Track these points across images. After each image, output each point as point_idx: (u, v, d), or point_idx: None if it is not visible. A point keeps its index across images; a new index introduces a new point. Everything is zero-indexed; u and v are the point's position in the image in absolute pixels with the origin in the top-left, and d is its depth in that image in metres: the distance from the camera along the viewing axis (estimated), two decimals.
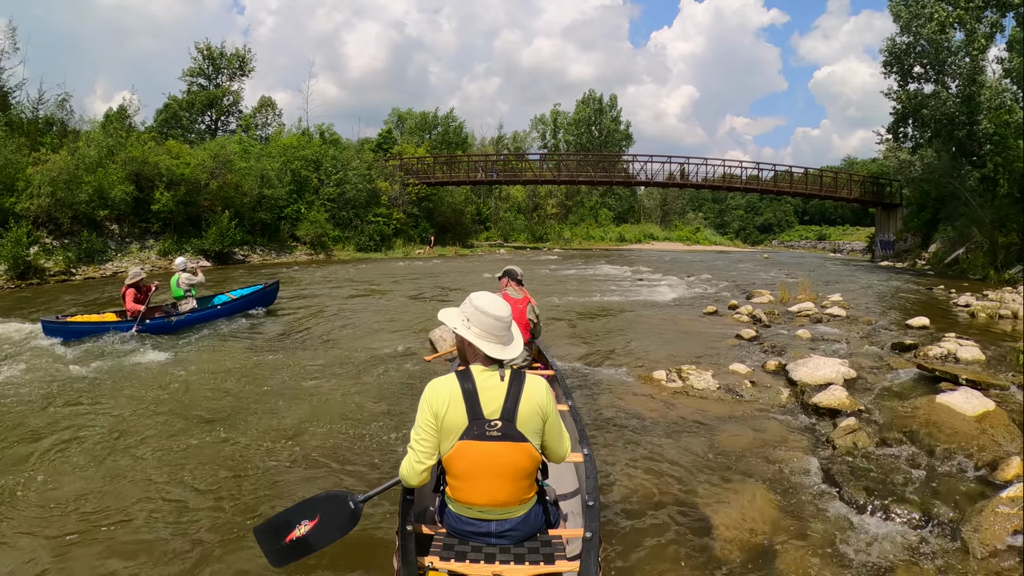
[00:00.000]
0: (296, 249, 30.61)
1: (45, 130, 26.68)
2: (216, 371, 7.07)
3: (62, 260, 19.96)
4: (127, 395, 6.12)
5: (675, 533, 3.50)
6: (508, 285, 5.41)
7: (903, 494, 3.78)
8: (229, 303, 10.73)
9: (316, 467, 4.35)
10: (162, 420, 5.33)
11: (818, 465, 4.32)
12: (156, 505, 3.77)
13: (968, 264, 21.48)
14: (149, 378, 6.79)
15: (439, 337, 8.22)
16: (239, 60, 42.42)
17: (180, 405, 5.76)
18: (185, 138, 35.46)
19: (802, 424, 5.24)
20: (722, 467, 4.36)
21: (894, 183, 35.24)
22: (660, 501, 3.85)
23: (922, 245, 28.98)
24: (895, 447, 4.53)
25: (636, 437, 4.96)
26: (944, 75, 26.45)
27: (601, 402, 5.87)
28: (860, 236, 61.44)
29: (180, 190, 25.27)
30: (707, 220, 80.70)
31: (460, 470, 2.37)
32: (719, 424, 5.24)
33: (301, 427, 5.13)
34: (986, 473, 4.00)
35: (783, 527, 3.55)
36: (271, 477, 4.16)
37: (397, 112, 58.37)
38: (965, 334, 8.54)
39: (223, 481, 4.08)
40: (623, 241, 56.49)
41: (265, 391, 6.21)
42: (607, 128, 66.01)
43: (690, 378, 6.33)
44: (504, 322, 2.45)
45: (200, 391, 6.24)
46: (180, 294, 10.04)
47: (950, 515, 3.50)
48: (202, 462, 4.38)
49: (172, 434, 4.97)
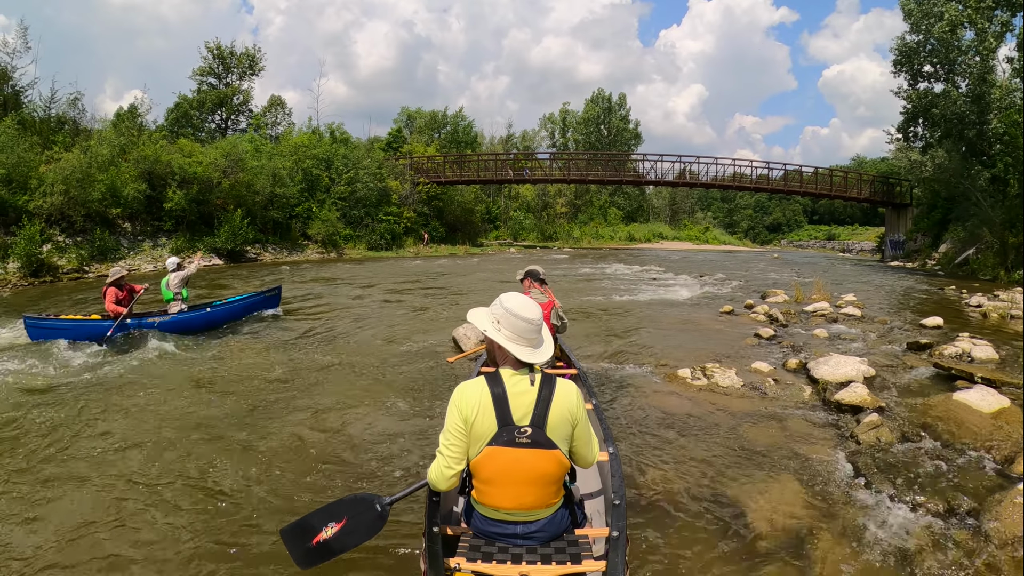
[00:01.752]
0: (307, 248, 30.78)
1: (57, 129, 26.86)
2: (227, 374, 6.94)
3: (75, 258, 20.11)
4: (158, 393, 6.07)
5: (708, 525, 3.62)
6: (532, 286, 5.35)
7: (926, 486, 3.92)
8: (222, 307, 9.87)
9: (342, 469, 4.33)
10: (185, 423, 5.24)
11: (844, 458, 4.47)
12: (183, 507, 3.75)
13: (978, 265, 21.47)
14: (157, 379, 6.61)
15: (463, 335, 8.25)
16: (249, 59, 42.69)
17: (199, 408, 5.67)
18: (196, 137, 35.70)
19: (825, 420, 5.37)
20: (752, 461, 4.50)
21: (904, 183, 35.18)
22: (694, 495, 3.98)
23: (932, 245, 28.88)
24: (916, 442, 4.65)
25: (666, 433, 5.08)
26: (954, 74, 26.49)
27: (629, 400, 5.97)
28: (869, 236, 61.32)
29: (192, 188, 25.47)
30: (716, 220, 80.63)
31: (488, 475, 2.36)
32: (746, 420, 5.37)
33: (325, 429, 5.11)
34: (1003, 467, 4.13)
35: (816, 516, 3.69)
36: (297, 480, 4.14)
37: (407, 111, 58.72)
38: (978, 334, 8.66)
39: (248, 484, 4.07)
40: (632, 240, 56.57)
41: (285, 394, 6.14)
42: (616, 127, 66.20)
43: (715, 376, 6.46)
44: (535, 325, 2.40)
45: (217, 394, 6.12)
46: (170, 296, 9.16)
47: (971, 506, 3.63)
48: (226, 466, 4.35)
49: (195, 437, 4.91)
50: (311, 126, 42.13)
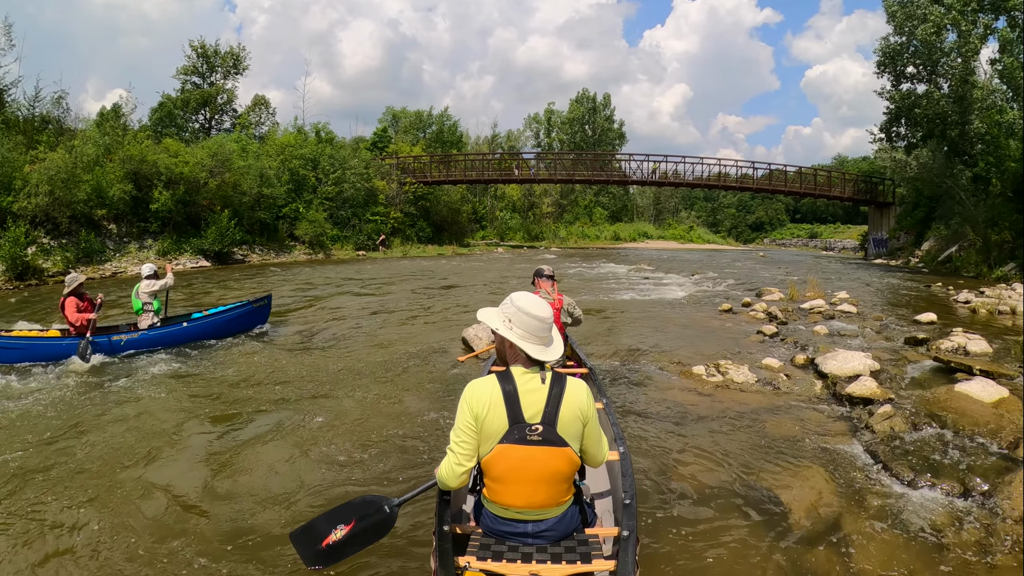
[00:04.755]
0: (295, 249, 30.53)
1: (41, 128, 26.33)
2: (225, 378, 6.77)
3: (60, 260, 19.61)
4: (153, 400, 5.90)
5: (739, 519, 3.73)
6: (542, 285, 5.37)
7: (941, 470, 4.14)
8: (203, 320, 8.57)
9: (349, 471, 4.33)
10: (191, 425, 5.19)
11: (862, 448, 4.68)
12: (189, 515, 3.71)
13: (961, 262, 21.95)
14: (142, 390, 6.27)
15: (473, 336, 8.24)
16: (233, 58, 42.17)
17: (195, 415, 5.53)
18: (180, 137, 35.24)
19: (838, 413, 5.56)
20: (776, 453, 4.65)
21: (887, 182, 35.83)
22: (722, 488, 4.09)
23: (915, 243, 29.43)
24: (927, 430, 4.86)
25: (690, 428, 5.21)
26: (937, 75, 26.99)
27: (647, 397, 6.08)
28: (851, 234, 62.32)
29: (179, 189, 24.99)
30: (700, 218, 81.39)
31: (499, 473, 2.36)
32: (764, 414, 5.53)
33: (331, 432, 5.09)
34: (1009, 451, 4.38)
35: (845, 501, 3.88)
36: (305, 483, 4.12)
37: (392, 111, 58.44)
38: (971, 328, 8.96)
39: (255, 488, 4.05)
40: (618, 240, 56.88)
41: (288, 398, 6.04)
42: (601, 127, 66.50)
43: (729, 372, 6.62)
44: (546, 323, 2.42)
45: (217, 399, 6.00)
46: (138, 306, 8.12)
47: (984, 487, 3.89)
48: (232, 471, 4.32)
49: (197, 442, 4.87)
50: (296, 125, 41.84)
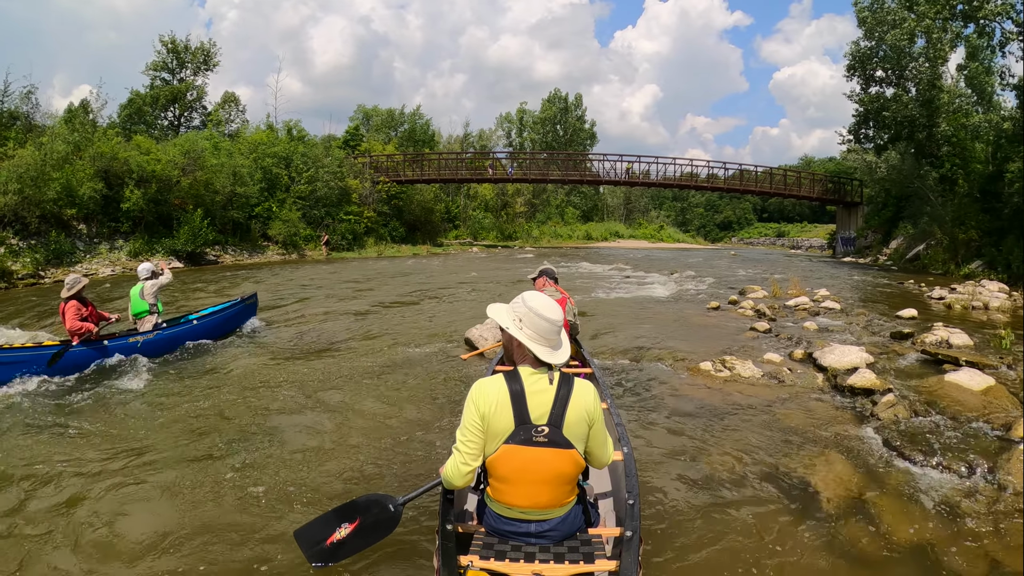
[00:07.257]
0: (268, 249, 30.03)
1: (9, 124, 25.54)
2: (226, 383, 6.67)
3: (30, 262, 18.96)
4: (152, 413, 5.71)
5: (767, 504, 3.90)
6: (546, 284, 5.43)
7: (946, 451, 4.47)
8: (207, 319, 8.77)
9: (354, 470, 4.34)
10: (192, 433, 5.12)
11: (872, 433, 4.95)
12: (195, 513, 3.72)
13: (929, 260, 22.67)
14: (152, 399, 6.12)
15: (478, 336, 8.19)
16: (204, 54, 41.43)
17: (206, 416, 5.54)
18: (149, 134, 34.42)
19: (842, 403, 5.82)
20: (792, 442, 4.85)
21: (854, 182, 36.77)
22: (739, 477, 4.25)
23: (883, 241, 30.22)
24: (927, 416, 5.19)
25: (703, 422, 5.35)
26: (905, 79, 27.82)
27: (659, 394, 6.22)
28: (818, 233, 63.86)
29: (151, 188, 24.38)
30: (669, 218, 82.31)
31: (503, 473, 2.36)
32: (774, 406, 5.75)
33: (335, 432, 5.10)
34: (1004, 432, 4.74)
35: (866, 482, 4.15)
36: (309, 482, 4.14)
37: (363, 109, 57.89)
38: (949, 323, 9.37)
39: (260, 487, 4.05)
40: (590, 239, 57.22)
41: (290, 400, 6.01)
42: (572, 127, 66.89)
43: (736, 368, 6.84)
44: (556, 325, 2.40)
45: (223, 404, 5.92)
46: (142, 309, 7.98)
47: (987, 464, 4.24)
48: (237, 471, 4.31)
49: (201, 444, 4.85)
50: (268, 123, 41.21)
